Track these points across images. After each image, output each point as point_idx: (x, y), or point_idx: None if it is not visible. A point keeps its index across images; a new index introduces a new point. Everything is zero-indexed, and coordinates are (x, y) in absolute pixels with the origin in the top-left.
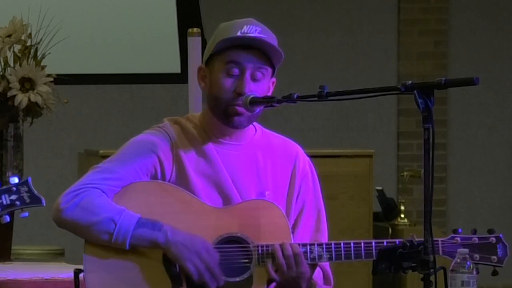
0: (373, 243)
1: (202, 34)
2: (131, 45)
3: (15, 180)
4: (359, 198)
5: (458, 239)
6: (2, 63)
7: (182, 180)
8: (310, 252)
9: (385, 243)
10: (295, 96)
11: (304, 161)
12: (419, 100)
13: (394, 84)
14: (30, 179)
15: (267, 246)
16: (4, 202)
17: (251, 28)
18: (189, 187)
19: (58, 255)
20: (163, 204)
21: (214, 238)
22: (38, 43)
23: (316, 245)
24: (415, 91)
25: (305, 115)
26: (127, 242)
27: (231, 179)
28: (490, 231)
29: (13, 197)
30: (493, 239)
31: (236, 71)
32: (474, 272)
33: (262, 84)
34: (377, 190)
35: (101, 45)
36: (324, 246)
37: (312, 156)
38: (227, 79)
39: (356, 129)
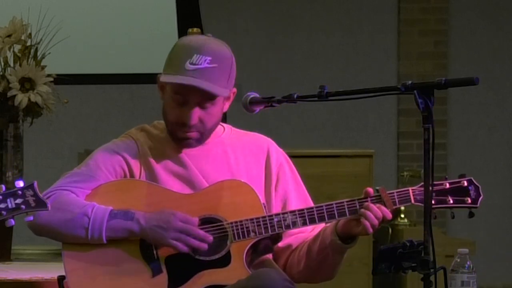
0: (344, 202)
1: (202, 34)
2: (131, 45)
3: (21, 184)
4: None
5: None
6: (2, 63)
7: (153, 180)
8: (283, 220)
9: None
10: (295, 96)
11: (277, 152)
12: (419, 100)
13: (394, 84)
14: (35, 183)
15: (240, 222)
16: (9, 206)
17: (199, 59)
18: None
19: (58, 255)
20: (134, 198)
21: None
22: (38, 43)
23: (288, 213)
24: (415, 91)
25: (305, 115)
26: (103, 235)
27: (203, 176)
28: (461, 176)
29: (19, 200)
30: (464, 182)
31: (182, 101)
32: (474, 273)
33: (212, 110)
34: (377, 190)
35: (101, 45)
36: (296, 212)
37: (312, 156)
38: (175, 107)
39: (356, 129)
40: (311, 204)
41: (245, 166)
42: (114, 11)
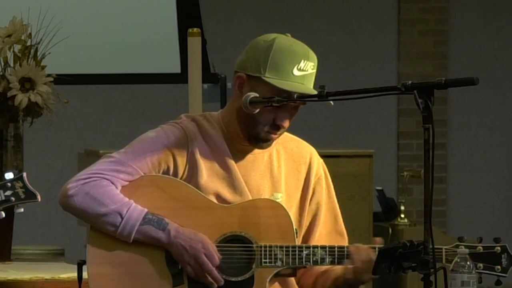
0: (376, 248)
1: (202, 34)
2: (131, 45)
3: (10, 175)
4: (359, 198)
5: (463, 247)
6: (2, 63)
7: (194, 178)
8: (313, 254)
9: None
10: (295, 96)
11: (318, 164)
12: (419, 100)
13: (394, 84)
14: (25, 175)
15: (270, 247)
16: None
17: (307, 65)
18: (200, 186)
19: (58, 255)
20: (169, 199)
21: (218, 236)
22: (38, 43)
23: (319, 248)
24: (415, 91)
25: (305, 115)
26: (131, 236)
27: (245, 181)
28: (496, 240)
29: (8, 193)
30: (498, 249)
31: (280, 105)
32: (474, 273)
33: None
34: (377, 190)
35: (101, 45)
36: (327, 249)
37: None
38: (270, 109)
39: (356, 129)
40: (340, 222)
41: (285, 175)
42: (114, 11)
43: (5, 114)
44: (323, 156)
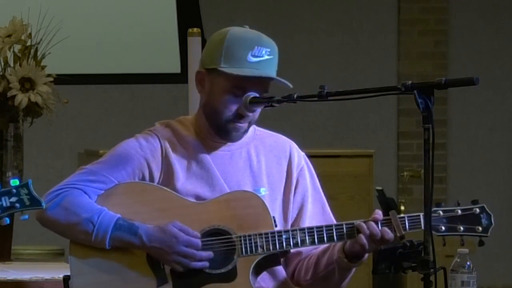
0: (354, 223)
1: (202, 34)
2: (131, 45)
3: (16, 182)
4: (359, 198)
5: (440, 212)
6: (2, 63)
7: (171, 182)
8: (292, 237)
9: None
10: (295, 96)
11: (298, 156)
12: (419, 100)
13: (394, 84)
14: (30, 182)
15: (249, 236)
16: (4, 204)
17: (261, 51)
18: (178, 190)
19: (58, 255)
20: (145, 203)
21: (197, 232)
22: (38, 43)
23: (298, 230)
24: (415, 91)
25: (305, 115)
26: (106, 243)
27: (224, 180)
28: (474, 202)
29: (13, 199)
30: (476, 210)
31: (241, 94)
32: (474, 273)
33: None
34: (377, 190)
35: (101, 45)
36: (306, 230)
37: (312, 156)
38: (231, 98)
39: (356, 129)
40: (328, 211)
41: (266, 170)
42: (114, 11)
43: (5, 114)
44: (323, 156)
